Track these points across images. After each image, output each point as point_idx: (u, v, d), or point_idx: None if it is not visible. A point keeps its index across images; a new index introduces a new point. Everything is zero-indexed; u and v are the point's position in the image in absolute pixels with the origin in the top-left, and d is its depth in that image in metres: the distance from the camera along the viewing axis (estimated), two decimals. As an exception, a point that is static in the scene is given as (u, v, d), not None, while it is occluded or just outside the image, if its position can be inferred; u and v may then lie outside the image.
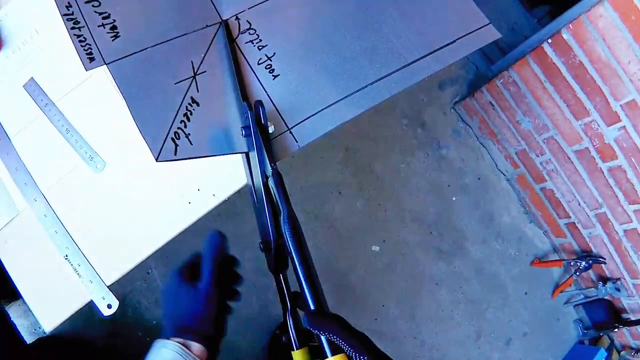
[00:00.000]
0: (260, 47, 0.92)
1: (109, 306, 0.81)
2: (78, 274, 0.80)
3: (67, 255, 0.81)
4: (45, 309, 0.86)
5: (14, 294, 1.68)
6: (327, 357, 0.55)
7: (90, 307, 1.80)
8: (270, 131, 0.81)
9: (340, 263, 1.88)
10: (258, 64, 0.91)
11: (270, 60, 0.91)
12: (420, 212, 1.95)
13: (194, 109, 0.84)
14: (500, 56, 2.03)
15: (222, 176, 0.90)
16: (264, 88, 0.90)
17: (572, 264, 1.97)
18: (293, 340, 0.66)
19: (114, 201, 0.87)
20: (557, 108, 1.68)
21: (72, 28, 0.83)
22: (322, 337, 0.55)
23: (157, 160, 0.79)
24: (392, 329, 1.89)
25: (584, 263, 1.93)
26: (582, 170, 1.75)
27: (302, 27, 0.94)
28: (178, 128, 0.82)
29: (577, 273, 1.96)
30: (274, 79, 0.90)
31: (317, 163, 1.91)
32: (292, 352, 0.66)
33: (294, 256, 0.61)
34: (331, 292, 1.85)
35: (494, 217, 2.02)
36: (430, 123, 2.00)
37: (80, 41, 0.82)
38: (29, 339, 1.66)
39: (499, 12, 2.11)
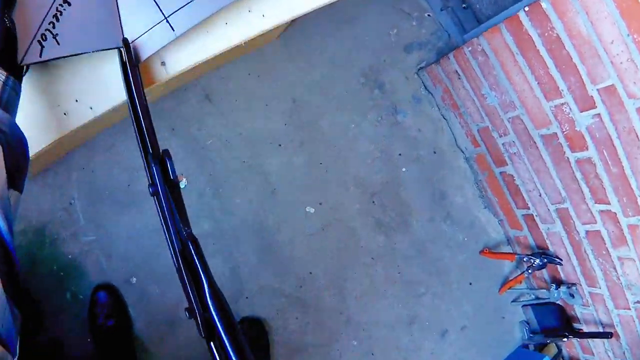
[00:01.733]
0: None
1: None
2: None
3: None
4: None
5: None
6: None
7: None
8: (182, 186, 0.71)
9: (269, 220, 1.73)
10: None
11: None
12: (364, 179, 1.80)
13: (64, 9, 0.78)
14: (476, 27, 1.88)
15: (102, 89, 0.85)
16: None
17: (525, 259, 1.80)
18: None
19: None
20: (526, 84, 1.52)
21: None
22: None
23: (20, 63, 0.74)
24: (316, 301, 1.74)
25: (538, 261, 1.77)
26: (547, 158, 1.58)
27: None
28: (46, 30, 0.77)
29: (530, 270, 1.79)
30: (153, -38, 0.83)
31: (260, 110, 1.76)
32: None
33: (223, 337, 0.56)
34: (255, 250, 1.71)
35: (446, 195, 1.86)
36: (390, 86, 1.85)
37: None
38: None
39: (483, -18, 1.96)
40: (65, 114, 0.84)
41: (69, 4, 0.79)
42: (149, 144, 0.74)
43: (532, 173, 1.68)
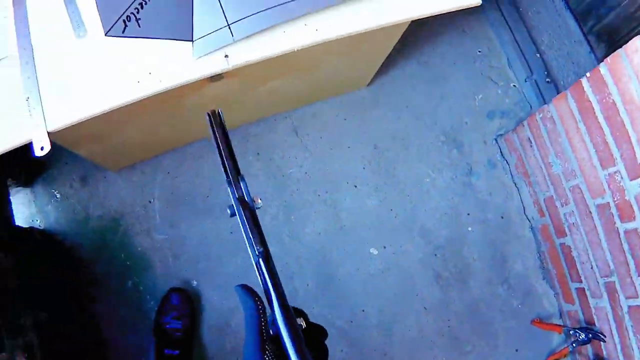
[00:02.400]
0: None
1: (42, 148, 0.90)
2: (30, 114, 0.88)
3: (28, 98, 0.90)
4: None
5: (27, 180, 1.74)
6: None
7: (87, 216, 1.82)
8: (257, 207, 0.80)
9: (333, 253, 1.83)
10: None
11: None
12: (430, 231, 1.88)
13: (149, 0, 0.99)
14: (555, 97, 1.94)
15: (174, 68, 1.01)
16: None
17: (571, 332, 1.82)
18: None
19: (80, 61, 1.00)
20: (586, 152, 1.55)
21: None
22: None
23: (105, 34, 0.96)
24: (364, 338, 1.81)
25: (583, 335, 1.77)
26: (600, 228, 1.59)
27: None
28: (131, 13, 0.98)
29: (575, 344, 1.80)
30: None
31: (342, 150, 1.89)
32: None
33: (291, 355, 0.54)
34: (315, 279, 1.81)
35: (507, 261, 1.91)
36: (468, 148, 1.93)
37: None
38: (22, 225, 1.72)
39: (569, 59, 2.03)
40: (138, 82, 0.99)
41: None
42: (229, 171, 0.85)
43: (586, 244, 1.68)
